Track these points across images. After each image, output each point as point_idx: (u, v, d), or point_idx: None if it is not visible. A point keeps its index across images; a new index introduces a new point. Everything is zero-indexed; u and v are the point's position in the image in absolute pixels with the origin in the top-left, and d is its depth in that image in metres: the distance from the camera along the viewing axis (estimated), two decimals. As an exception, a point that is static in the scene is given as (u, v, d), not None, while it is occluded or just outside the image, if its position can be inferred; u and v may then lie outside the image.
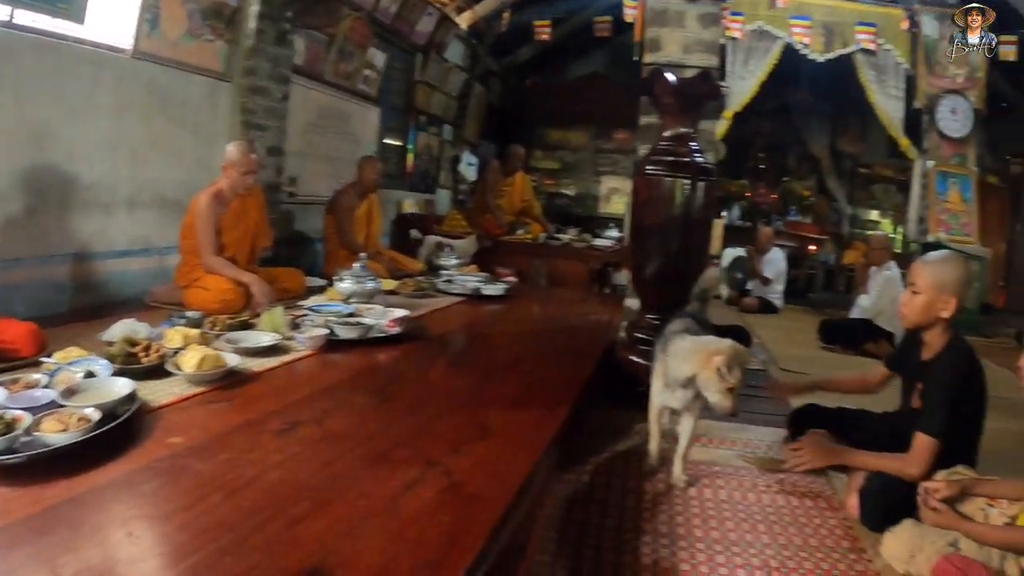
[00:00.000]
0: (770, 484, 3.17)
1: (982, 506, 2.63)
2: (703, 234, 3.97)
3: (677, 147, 3.83)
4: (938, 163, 9.62)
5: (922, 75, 9.60)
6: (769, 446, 3.69)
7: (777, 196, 13.05)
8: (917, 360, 3.05)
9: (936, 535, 2.53)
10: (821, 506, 3.03)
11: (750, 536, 2.64)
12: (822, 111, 13.02)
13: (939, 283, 2.85)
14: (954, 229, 9.52)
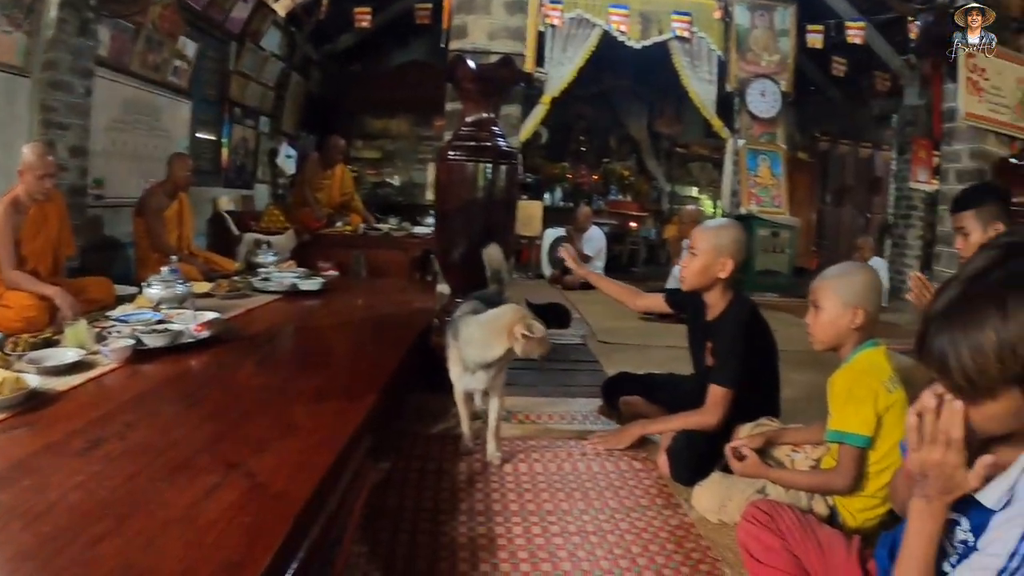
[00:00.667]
0: (585, 452, 3.25)
1: (788, 453, 2.80)
2: (507, 217, 4.01)
3: (478, 132, 3.86)
4: (749, 141, 10.19)
5: (733, 61, 10.12)
6: (584, 416, 3.80)
7: (598, 177, 13.43)
8: (704, 322, 3.24)
9: (744, 484, 2.68)
10: (636, 468, 3.14)
11: (566, 504, 2.70)
12: (640, 95, 13.57)
13: (716, 246, 3.07)
14: (765, 201, 10.11)
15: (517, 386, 4.06)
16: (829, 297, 2.52)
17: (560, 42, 9.58)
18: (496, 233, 3.81)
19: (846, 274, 2.59)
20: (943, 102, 7.13)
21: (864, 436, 2.31)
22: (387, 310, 4.71)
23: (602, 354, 5.28)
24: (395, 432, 3.28)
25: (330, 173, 8.25)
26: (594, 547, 2.41)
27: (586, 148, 13.95)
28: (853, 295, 2.49)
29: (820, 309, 2.54)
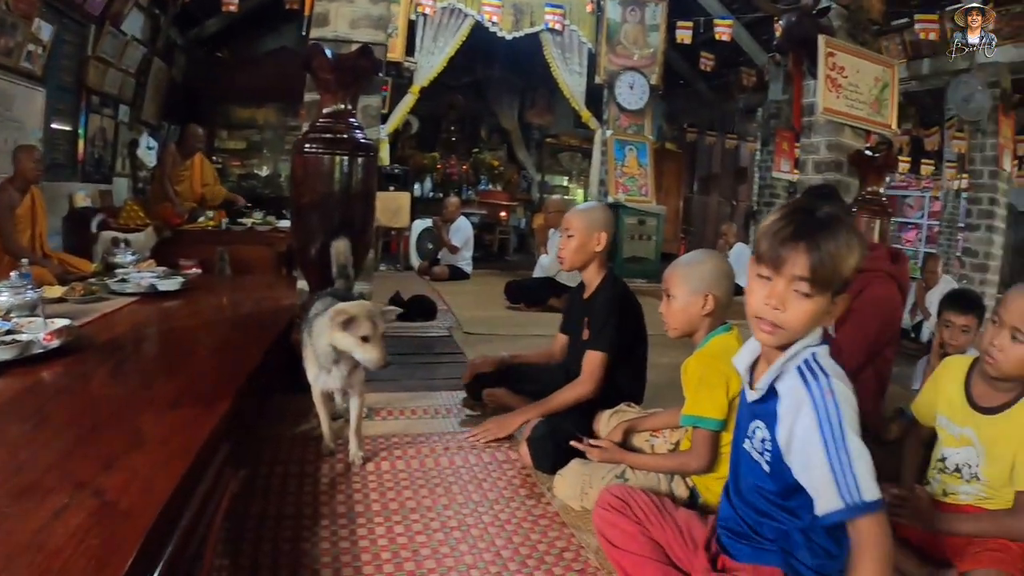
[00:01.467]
0: (448, 447, 3.22)
1: (647, 438, 2.89)
2: (365, 210, 3.91)
3: (335, 124, 3.76)
4: (617, 133, 10.38)
5: (604, 54, 10.28)
6: (448, 409, 3.77)
7: (468, 167, 13.37)
8: (581, 302, 3.39)
9: (604, 470, 2.69)
10: (499, 460, 3.13)
11: (428, 501, 2.66)
12: (512, 86, 13.63)
13: (588, 223, 3.27)
14: (632, 191, 10.37)
15: (379, 381, 3.98)
16: (679, 285, 2.60)
17: (431, 31, 9.56)
18: (354, 227, 3.73)
19: (695, 262, 2.67)
20: (804, 97, 7.37)
21: (717, 420, 2.38)
22: (250, 309, 4.58)
23: (468, 345, 5.24)
24: (256, 436, 3.17)
25: (189, 164, 7.92)
26: (457, 543, 2.38)
27: (457, 138, 13.90)
28: (702, 282, 2.57)
29: (672, 297, 2.62)
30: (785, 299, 1.64)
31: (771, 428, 1.72)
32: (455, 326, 5.94)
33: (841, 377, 1.66)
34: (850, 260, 1.62)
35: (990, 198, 9.68)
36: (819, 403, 1.60)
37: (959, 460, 2.46)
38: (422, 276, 9.05)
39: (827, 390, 1.61)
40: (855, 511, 1.53)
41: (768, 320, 1.67)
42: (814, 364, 1.66)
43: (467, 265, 9.16)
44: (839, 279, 1.63)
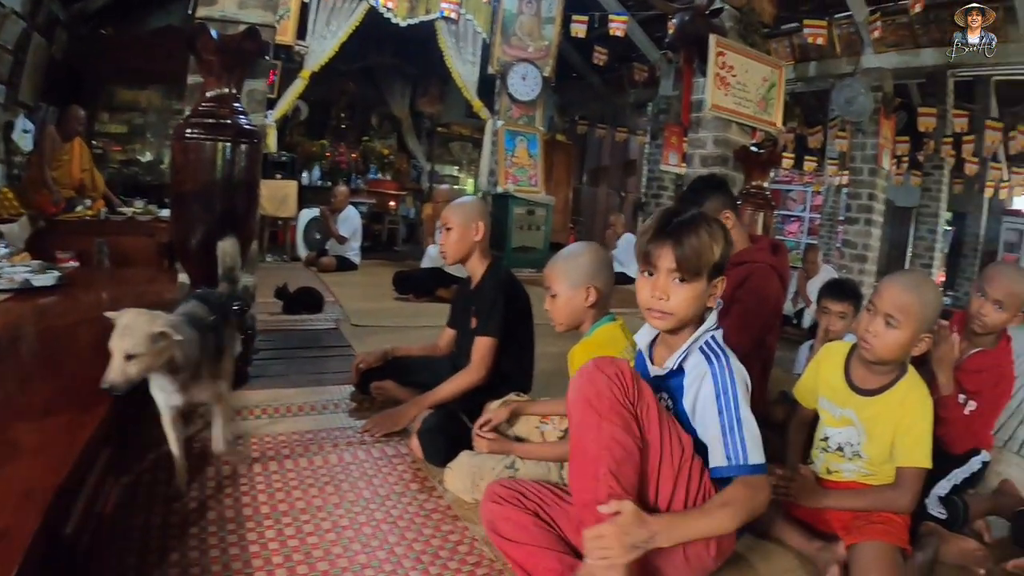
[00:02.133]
0: (337, 443, 3.14)
1: (537, 425, 2.89)
2: (248, 200, 3.74)
3: (219, 109, 3.57)
4: (508, 123, 10.35)
5: (498, 44, 10.27)
6: (336, 404, 3.67)
7: (358, 155, 13.18)
8: (468, 293, 3.47)
9: (494, 461, 2.71)
10: (389, 454, 3.08)
11: (319, 501, 2.58)
12: (404, 73, 13.43)
13: (465, 214, 3.32)
14: (522, 181, 10.41)
15: (265, 378, 3.89)
16: (559, 281, 2.66)
17: (324, 15, 9.25)
18: (237, 217, 3.58)
19: (573, 256, 2.72)
20: (693, 94, 7.55)
21: None
22: (131, 304, 4.25)
23: (355, 338, 5.11)
24: (138, 441, 2.95)
25: (68, 148, 7.42)
26: (350, 542, 2.32)
27: (347, 125, 13.67)
28: (582, 276, 2.64)
29: (555, 294, 2.67)
30: (666, 289, 1.97)
31: (677, 399, 2.07)
32: (342, 318, 5.79)
33: (735, 358, 2.03)
34: (714, 248, 1.96)
35: (869, 194, 10.28)
36: (719, 377, 1.96)
37: (841, 440, 2.63)
38: (309, 267, 8.82)
39: (726, 367, 1.97)
40: (738, 470, 1.88)
41: (657, 309, 2.00)
42: (715, 345, 2.03)
43: (355, 256, 8.98)
44: (707, 265, 1.96)
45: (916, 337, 2.42)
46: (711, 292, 2.03)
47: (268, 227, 9.35)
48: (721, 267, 2.01)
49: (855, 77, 9.99)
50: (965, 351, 3.10)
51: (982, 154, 12.26)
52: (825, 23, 9.70)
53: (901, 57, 9.82)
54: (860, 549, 2.33)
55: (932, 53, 9.54)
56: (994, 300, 2.96)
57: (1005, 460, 4.16)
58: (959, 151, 11.82)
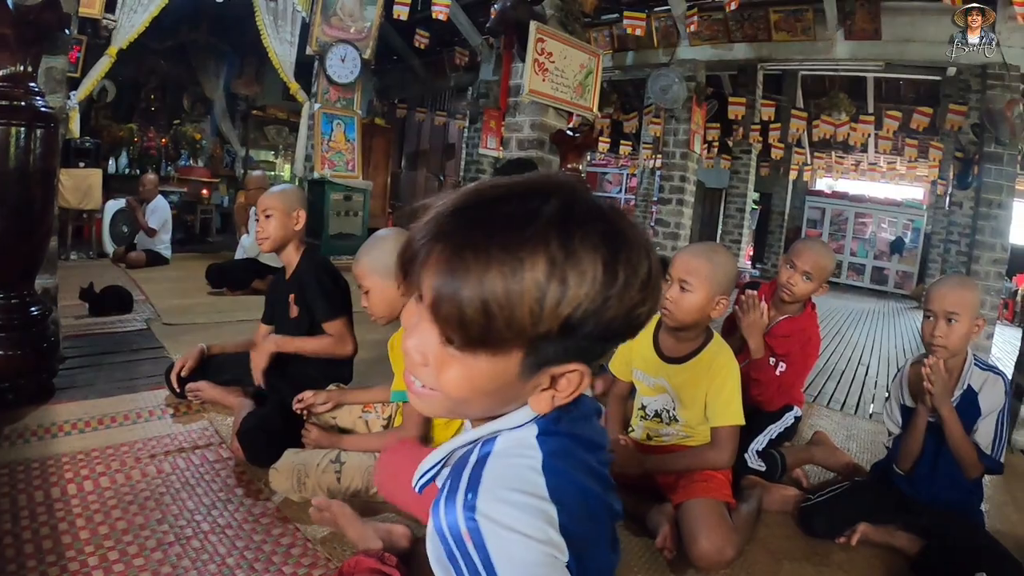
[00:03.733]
0: (155, 454, 2.93)
1: (360, 415, 2.91)
2: (45, 191, 3.36)
3: (12, 89, 3.19)
4: (325, 106, 10.11)
5: (318, 24, 9.93)
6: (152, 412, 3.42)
7: (168, 140, 12.45)
8: (284, 283, 3.36)
9: (319, 456, 2.63)
10: (211, 460, 2.93)
11: (140, 519, 2.39)
12: (220, 52, 12.78)
13: (287, 201, 3.24)
14: (339, 166, 10.22)
15: (73, 389, 3.59)
16: (369, 275, 2.67)
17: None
18: (32, 212, 3.24)
19: (377, 247, 2.75)
20: (512, 79, 7.63)
21: None
22: None
23: (168, 338, 4.80)
24: None
25: None
26: (179, 559, 2.19)
27: (157, 108, 12.78)
28: (389, 265, 2.47)
29: (367, 290, 2.69)
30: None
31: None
32: (154, 317, 5.42)
33: None
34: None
35: (681, 176, 10.89)
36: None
37: (657, 407, 2.81)
38: (117, 264, 8.11)
39: None
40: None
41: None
42: None
43: (166, 249, 8.42)
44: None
45: (711, 299, 2.60)
46: (540, 384, 1.54)
47: (71, 221, 8.66)
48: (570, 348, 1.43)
49: (670, 67, 10.57)
50: (774, 318, 3.39)
51: (787, 140, 13.53)
52: (644, 15, 10.22)
53: (715, 50, 10.65)
54: (687, 507, 2.48)
55: (744, 48, 10.41)
56: (803, 271, 3.27)
57: (817, 413, 4.74)
58: (766, 137, 13.10)
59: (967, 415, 2.63)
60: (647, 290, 0.91)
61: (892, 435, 2.98)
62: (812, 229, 18.54)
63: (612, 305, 0.88)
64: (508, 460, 0.95)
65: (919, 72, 11.96)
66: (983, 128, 9.35)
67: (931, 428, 2.72)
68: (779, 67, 12.26)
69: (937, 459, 2.75)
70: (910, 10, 9.08)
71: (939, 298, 2.64)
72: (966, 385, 2.68)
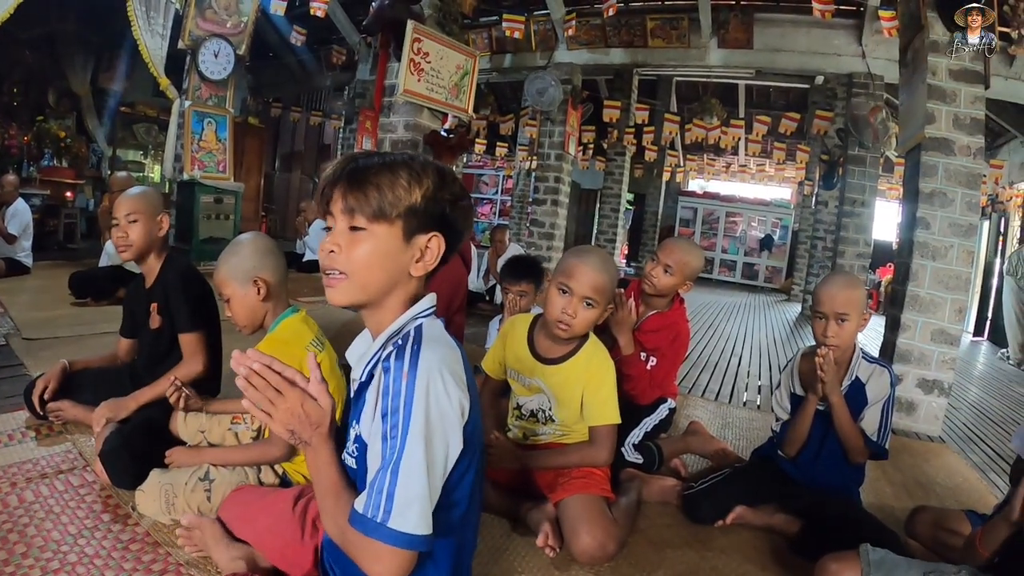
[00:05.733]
0: (15, 482, 2.71)
1: (229, 427, 2.81)
2: None
3: None
4: (196, 104, 9.82)
5: (191, 16, 9.66)
6: (11, 435, 3.17)
7: (30, 138, 11.75)
8: (145, 292, 3.24)
9: (186, 474, 2.54)
10: (74, 484, 2.74)
11: (3, 553, 2.21)
12: (88, 44, 12.23)
13: (153, 207, 3.16)
14: (209, 167, 9.98)
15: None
16: (227, 283, 2.62)
17: (0, -30, 8.24)
18: None
19: (234, 253, 2.67)
20: (387, 78, 7.69)
21: None
22: None
23: (29, 353, 4.46)
24: None
25: None
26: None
27: (19, 102, 12.11)
28: (246, 270, 2.60)
29: (227, 300, 2.64)
30: (340, 241, 1.53)
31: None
32: (12, 332, 5.04)
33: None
34: (412, 190, 1.55)
35: (556, 177, 11.16)
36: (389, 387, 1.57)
37: (533, 406, 2.84)
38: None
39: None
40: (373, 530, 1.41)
41: (333, 269, 1.52)
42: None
43: (27, 257, 7.84)
44: (397, 208, 1.53)
45: (605, 311, 2.68)
46: (415, 254, 1.52)
47: None
48: (429, 217, 1.51)
49: (548, 70, 10.77)
50: (643, 314, 3.49)
51: (661, 143, 13.94)
52: (523, 19, 10.38)
53: (592, 55, 11.03)
54: (567, 504, 2.53)
55: (621, 53, 10.83)
56: (664, 265, 3.40)
57: (692, 404, 4.85)
58: (640, 140, 13.50)
59: (854, 404, 2.79)
60: (457, 200, 1.55)
61: (780, 420, 3.11)
62: (685, 228, 19.25)
63: (442, 197, 1.52)
64: (434, 334, 1.49)
65: (789, 80, 12.68)
66: (848, 133, 10.24)
67: (818, 415, 2.88)
68: (654, 72, 12.72)
69: (823, 445, 2.90)
70: (781, 22, 9.66)
71: (829, 300, 2.79)
72: (854, 376, 2.84)
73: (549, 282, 2.70)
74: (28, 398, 3.30)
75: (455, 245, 1.56)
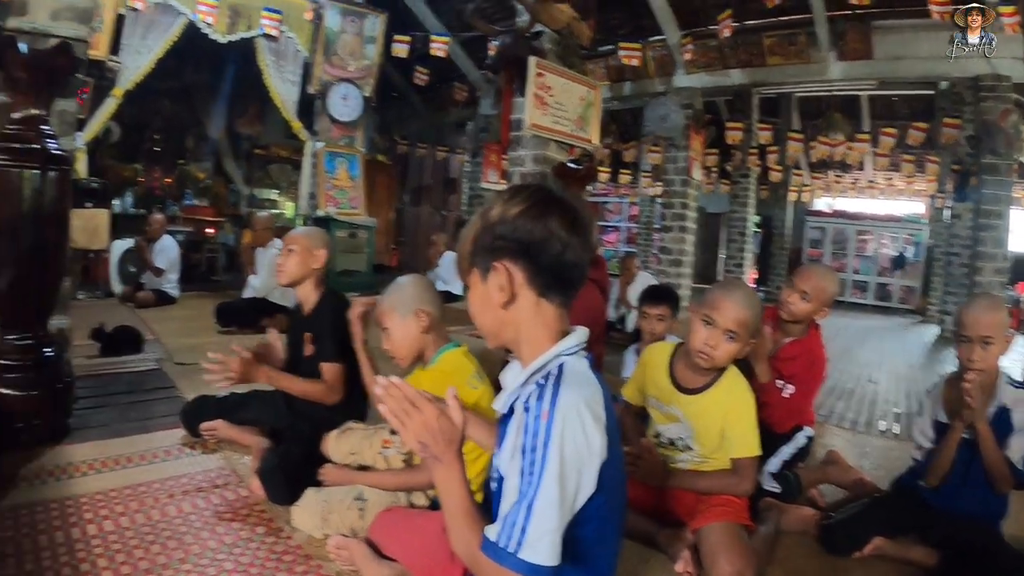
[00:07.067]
0: (173, 494, 2.94)
1: (379, 450, 2.89)
2: (59, 232, 3.40)
3: (25, 131, 3.22)
4: (328, 144, 10.24)
5: (319, 63, 10.14)
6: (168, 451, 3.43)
7: (173, 180, 12.63)
8: (301, 318, 3.44)
9: (341, 493, 2.67)
10: (230, 498, 2.94)
11: (163, 558, 2.40)
12: (222, 92, 12.93)
13: (310, 239, 3.39)
14: (343, 204, 10.36)
15: (87, 429, 3.61)
16: (389, 315, 2.68)
17: (141, 28, 8.73)
18: (46, 253, 3.30)
19: (396, 289, 2.75)
20: (512, 113, 7.73)
21: None
22: None
23: (180, 377, 4.80)
24: None
25: None
26: (202, 598, 2.16)
27: (162, 148, 13.00)
28: (409, 302, 2.67)
29: (387, 330, 2.69)
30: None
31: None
32: (165, 357, 5.43)
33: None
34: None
35: (682, 203, 10.91)
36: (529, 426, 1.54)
37: (672, 435, 2.80)
38: (126, 303, 8.18)
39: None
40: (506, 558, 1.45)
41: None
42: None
43: (174, 288, 8.46)
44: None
45: (747, 345, 2.64)
46: (495, 292, 1.53)
47: (79, 261, 8.71)
48: (486, 251, 1.54)
49: (667, 96, 10.67)
50: (779, 342, 3.41)
51: (785, 163, 13.53)
52: (640, 46, 10.30)
53: (711, 77, 10.74)
54: (706, 531, 2.49)
55: (739, 73, 10.51)
56: (801, 291, 3.35)
57: (829, 433, 4.69)
58: (764, 161, 13.14)
59: (999, 431, 2.67)
60: (512, 219, 1.50)
61: (922, 449, 3.01)
62: (814, 249, 18.53)
63: (490, 227, 1.54)
64: (576, 373, 1.48)
65: (912, 88, 12.06)
66: (979, 140, 9.49)
67: (962, 443, 2.76)
68: (774, 91, 12.35)
69: (967, 474, 2.77)
70: (900, 28, 9.21)
71: (973, 324, 2.70)
72: (999, 402, 2.72)
73: (693, 312, 2.69)
74: (184, 418, 3.60)
75: (548, 263, 1.50)
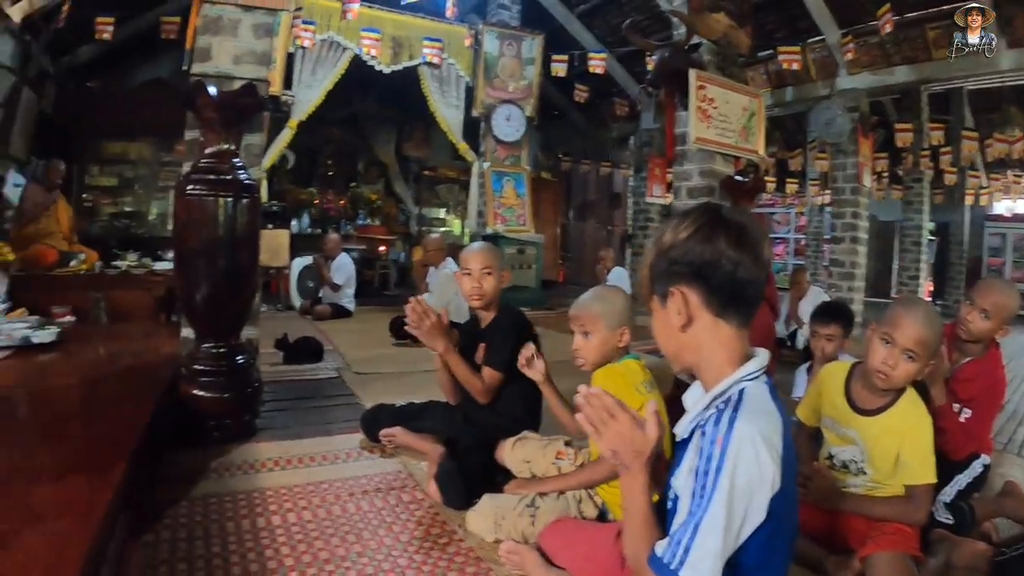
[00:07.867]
0: (353, 493, 3.13)
1: (553, 461, 3.00)
2: (251, 253, 3.80)
3: (219, 164, 3.62)
4: (494, 164, 10.51)
5: (480, 87, 10.44)
6: (348, 454, 3.66)
7: (346, 202, 13.30)
8: (478, 333, 3.51)
9: (515, 500, 2.76)
10: (405, 500, 3.08)
11: (342, 550, 2.57)
12: (389, 118, 13.62)
13: (499, 263, 3.43)
14: (510, 221, 10.55)
15: (273, 429, 3.91)
16: (597, 322, 2.71)
17: (310, 64, 9.43)
18: (242, 272, 3.66)
19: (609, 300, 2.77)
20: (676, 127, 7.69)
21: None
22: (132, 360, 4.27)
23: (358, 386, 5.13)
24: (153, 499, 2.93)
25: (53, 201, 7.34)
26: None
27: (334, 172, 13.81)
28: (619, 319, 2.71)
29: (589, 334, 2.72)
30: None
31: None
32: (343, 367, 5.80)
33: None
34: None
35: (853, 212, 10.34)
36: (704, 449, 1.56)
37: (845, 457, 2.69)
38: (305, 316, 8.82)
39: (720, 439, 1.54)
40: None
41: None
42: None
43: (350, 303, 9.01)
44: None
45: (926, 366, 2.52)
46: (673, 316, 1.59)
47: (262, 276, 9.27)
48: (662, 277, 1.61)
49: (831, 99, 10.20)
50: (956, 362, 3.25)
51: (960, 164, 12.61)
52: (799, 49, 9.97)
53: (875, 76, 10.06)
54: (875, 560, 2.38)
55: (905, 70, 9.79)
56: (981, 309, 3.15)
57: (1008, 462, 4.23)
58: (937, 162, 12.23)
59: None
60: (684, 242, 1.55)
61: None
62: (994, 257, 17.26)
63: (663, 252, 1.59)
64: (755, 401, 1.49)
65: None
66: None
67: None
68: (943, 86, 11.51)
69: None
70: None
71: None
72: None
73: (872, 331, 2.60)
74: (364, 423, 3.81)
75: (720, 283, 1.53)
